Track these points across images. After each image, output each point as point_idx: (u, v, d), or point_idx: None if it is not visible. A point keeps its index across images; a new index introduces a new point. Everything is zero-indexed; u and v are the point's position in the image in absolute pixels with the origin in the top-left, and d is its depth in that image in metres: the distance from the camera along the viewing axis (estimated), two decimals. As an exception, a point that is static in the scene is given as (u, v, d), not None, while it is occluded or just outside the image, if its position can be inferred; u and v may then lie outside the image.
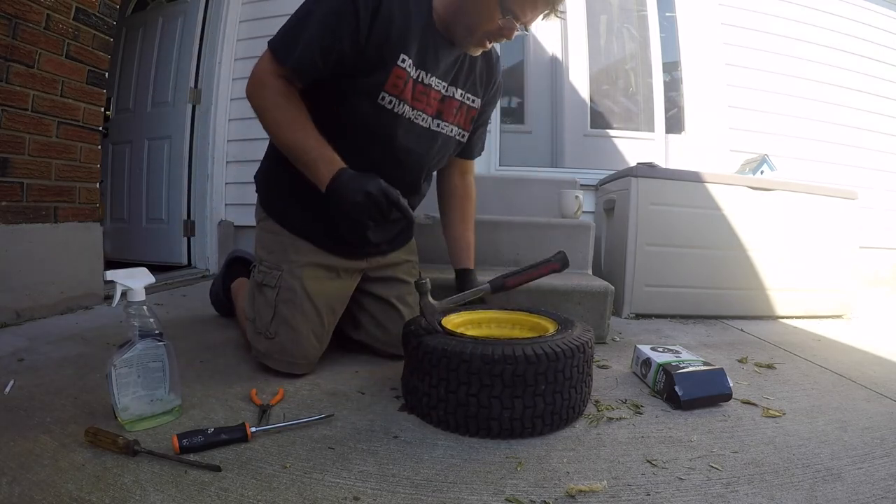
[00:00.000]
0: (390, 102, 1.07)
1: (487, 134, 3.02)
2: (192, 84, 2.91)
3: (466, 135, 1.26)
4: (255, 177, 1.30)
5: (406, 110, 1.10)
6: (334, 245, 1.21)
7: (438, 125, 1.18)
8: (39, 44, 1.63)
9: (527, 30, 1.06)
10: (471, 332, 1.11)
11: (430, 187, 1.41)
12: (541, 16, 1.04)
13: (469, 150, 1.37)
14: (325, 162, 1.00)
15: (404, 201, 0.99)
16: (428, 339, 0.96)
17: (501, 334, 1.18)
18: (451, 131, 1.21)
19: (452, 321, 1.14)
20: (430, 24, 1.09)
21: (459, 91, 1.19)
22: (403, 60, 1.06)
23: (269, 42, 1.05)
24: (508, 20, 1.01)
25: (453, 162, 1.37)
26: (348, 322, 1.35)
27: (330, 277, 1.22)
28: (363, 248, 1.25)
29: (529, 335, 1.10)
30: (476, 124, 1.31)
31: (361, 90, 1.06)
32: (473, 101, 1.23)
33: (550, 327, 1.09)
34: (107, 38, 1.87)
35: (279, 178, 1.20)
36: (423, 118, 1.14)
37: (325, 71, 1.04)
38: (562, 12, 1.04)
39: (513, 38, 1.06)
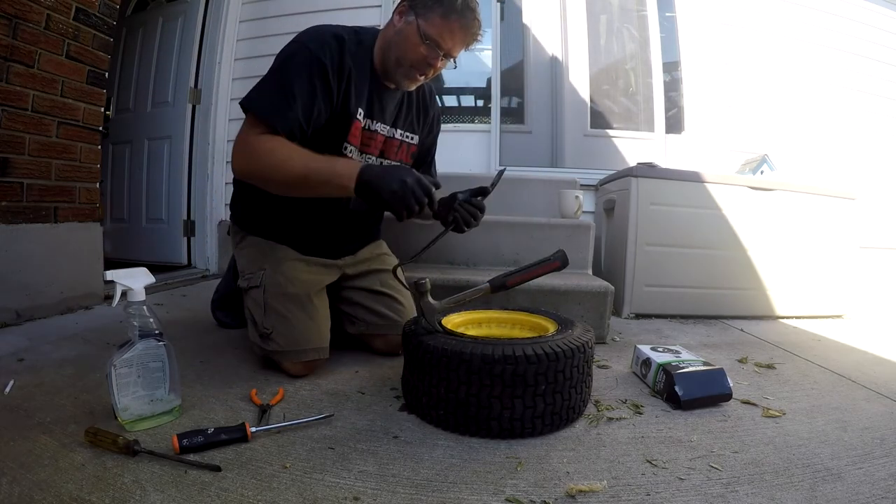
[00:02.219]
0: (349, 150, 1.22)
1: (486, 134, 3.05)
2: (192, 84, 2.91)
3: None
4: (231, 217, 1.42)
5: (356, 155, 1.25)
6: (309, 249, 1.33)
7: (381, 163, 1.31)
8: (39, 44, 1.62)
9: (453, 61, 1.19)
10: (471, 332, 1.11)
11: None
12: (462, 44, 1.16)
13: None
14: (343, 167, 1.03)
15: (435, 194, 1.02)
16: (428, 339, 0.96)
17: (501, 334, 1.18)
18: None
19: (452, 321, 1.14)
20: (373, 74, 1.22)
21: (399, 131, 1.34)
22: (360, 113, 1.20)
23: (248, 107, 1.08)
24: (430, 47, 1.13)
25: None
26: (344, 319, 1.41)
27: (310, 270, 1.31)
28: (334, 249, 1.36)
29: (529, 335, 1.10)
30: (421, 157, 1.46)
31: (327, 142, 1.17)
32: (412, 138, 1.38)
33: (550, 327, 1.09)
34: (107, 38, 1.87)
35: (256, 212, 1.32)
36: (371, 159, 1.29)
37: (307, 133, 1.12)
38: (479, 41, 1.19)
39: (438, 66, 1.18)
